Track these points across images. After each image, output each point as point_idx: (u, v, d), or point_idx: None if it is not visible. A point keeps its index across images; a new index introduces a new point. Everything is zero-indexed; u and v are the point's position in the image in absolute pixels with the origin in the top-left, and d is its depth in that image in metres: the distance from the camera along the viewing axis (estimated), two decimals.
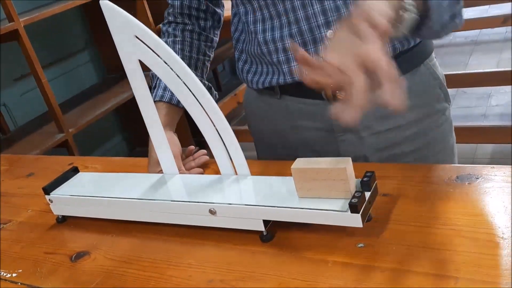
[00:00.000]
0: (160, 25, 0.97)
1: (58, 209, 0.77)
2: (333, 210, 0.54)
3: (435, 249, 0.52)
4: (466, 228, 0.54)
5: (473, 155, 2.08)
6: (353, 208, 0.53)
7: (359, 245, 0.55)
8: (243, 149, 0.66)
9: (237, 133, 0.68)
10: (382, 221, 0.58)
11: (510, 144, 2.05)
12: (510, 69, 2.25)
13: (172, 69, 0.63)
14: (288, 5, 0.76)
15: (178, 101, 0.86)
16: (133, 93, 0.68)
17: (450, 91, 0.90)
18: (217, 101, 0.68)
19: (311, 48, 0.78)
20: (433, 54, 0.88)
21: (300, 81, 0.78)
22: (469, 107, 2.50)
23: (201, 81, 0.90)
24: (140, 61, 0.66)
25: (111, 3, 0.63)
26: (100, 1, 0.63)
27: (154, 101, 0.78)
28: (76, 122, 2.12)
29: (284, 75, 0.81)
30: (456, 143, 0.91)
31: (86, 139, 2.49)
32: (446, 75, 0.90)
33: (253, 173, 0.67)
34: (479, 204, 0.58)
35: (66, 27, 2.49)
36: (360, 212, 0.53)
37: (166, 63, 0.63)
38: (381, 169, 0.68)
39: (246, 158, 0.67)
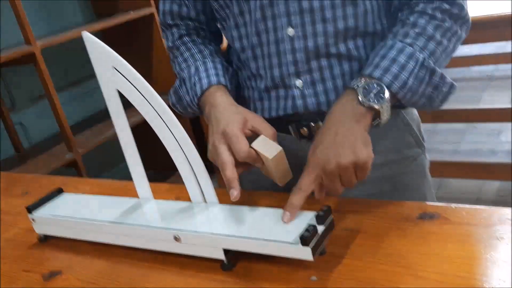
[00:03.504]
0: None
1: (40, 228, 0.80)
2: (285, 242, 0.55)
3: (383, 286, 0.53)
4: (415, 266, 0.54)
5: (479, 191, 2.05)
6: (304, 241, 0.54)
7: (312, 278, 0.56)
8: None
9: None
10: (338, 255, 0.59)
11: None
12: None
13: (146, 99, 0.66)
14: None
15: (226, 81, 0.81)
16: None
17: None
18: None
19: (281, 93, 0.79)
20: None
21: (270, 117, 0.80)
22: (478, 142, 2.48)
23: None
24: (118, 90, 0.69)
25: (92, 36, 0.67)
26: (82, 32, 0.67)
27: (207, 88, 0.78)
28: (86, 143, 2.18)
29: (258, 111, 0.83)
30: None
31: (97, 161, 2.54)
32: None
33: (224, 202, 0.69)
34: (433, 242, 0.58)
35: (82, 51, 2.57)
36: (311, 245, 0.54)
37: (141, 93, 0.67)
38: (345, 204, 0.69)
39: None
